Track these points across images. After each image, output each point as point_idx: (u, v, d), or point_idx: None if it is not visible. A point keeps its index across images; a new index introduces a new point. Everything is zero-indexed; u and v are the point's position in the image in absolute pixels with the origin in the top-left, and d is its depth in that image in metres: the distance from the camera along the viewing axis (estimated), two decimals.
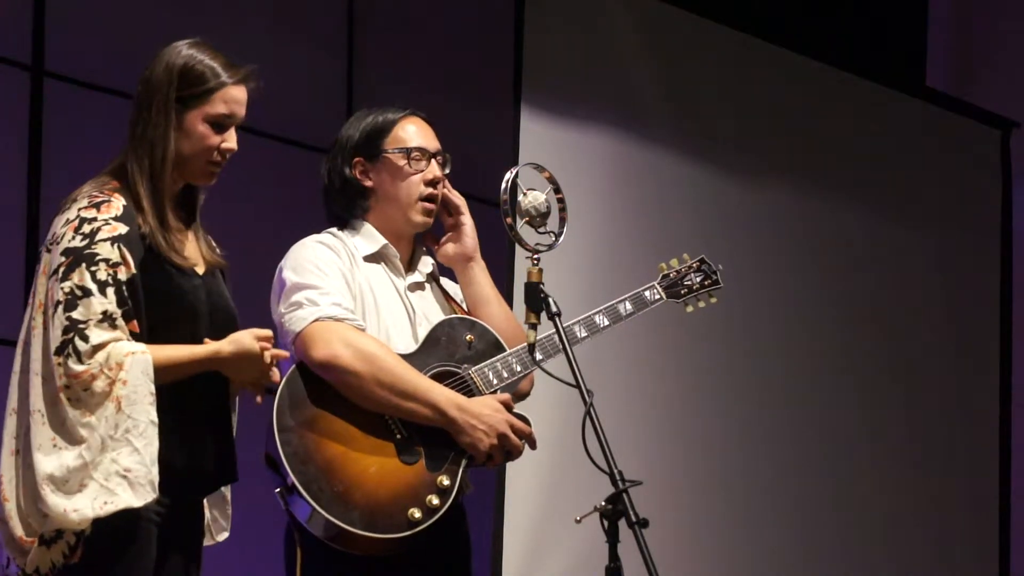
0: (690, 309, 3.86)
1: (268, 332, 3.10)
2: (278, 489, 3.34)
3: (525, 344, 3.47)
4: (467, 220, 3.70)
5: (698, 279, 3.86)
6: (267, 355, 3.07)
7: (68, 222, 2.97)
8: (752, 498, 6.00)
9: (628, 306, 3.72)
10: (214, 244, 3.20)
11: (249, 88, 3.15)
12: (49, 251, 2.97)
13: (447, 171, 3.67)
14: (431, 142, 3.65)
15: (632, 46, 5.81)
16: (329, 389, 3.41)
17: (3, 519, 2.89)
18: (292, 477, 3.30)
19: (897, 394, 6.56)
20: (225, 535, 3.24)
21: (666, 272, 3.84)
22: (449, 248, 3.70)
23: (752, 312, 5.96)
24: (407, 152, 3.61)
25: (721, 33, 6.12)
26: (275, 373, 3.16)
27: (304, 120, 5.49)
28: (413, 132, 3.64)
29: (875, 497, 6.41)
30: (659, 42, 5.90)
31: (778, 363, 6.15)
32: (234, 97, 3.12)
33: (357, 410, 3.41)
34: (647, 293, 3.78)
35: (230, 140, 3.12)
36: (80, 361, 2.86)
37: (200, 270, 3.12)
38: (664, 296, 3.80)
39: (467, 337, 3.58)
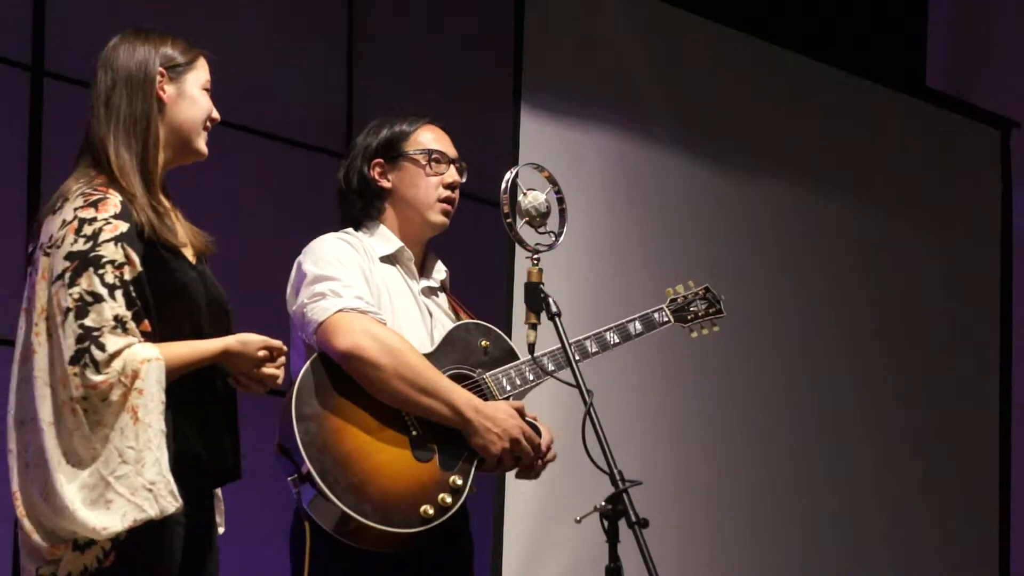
0: (694, 335, 4.01)
1: (279, 344, 3.06)
2: (291, 477, 3.35)
3: (542, 353, 3.53)
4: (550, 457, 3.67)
5: (703, 306, 3.99)
6: (267, 368, 3.04)
7: (65, 223, 2.92)
8: (752, 498, 6.00)
9: (638, 326, 3.85)
10: (198, 229, 3.17)
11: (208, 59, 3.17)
12: (48, 254, 2.92)
13: (463, 179, 3.73)
14: (450, 149, 3.73)
15: (632, 46, 5.80)
16: (348, 381, 3.43)
17: (26, 533, 2.86)
18: (308, 465, 3.31)
19: (897, 394, 6.56)
20: (222, 530, 3.24)
21: (673, 296, 3.96)
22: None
23: (752, 311, 5.95)
24: (427, 154, 3.68)
25: (721, 33, 6.12)
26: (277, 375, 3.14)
27: (304, 120, 5.50)
28: (432, 138, 3.72)
29: (875, 497, 6.41)
30: (659, 42, 5.90)
31: (778, 363, 6.15)
32: (207, 66, 3.15)
33: (375, 404, 3.44)
34: (656, 315, 3.90)
35: (215, 110, 3.15)
36: (98, 371, 2.82)
37: (193, 259, 3.09)
38: (672, 319, 3.93)
39: (482, 343, 3.64)
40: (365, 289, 3.52)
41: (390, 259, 3.64)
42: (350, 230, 3.67)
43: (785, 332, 6.19)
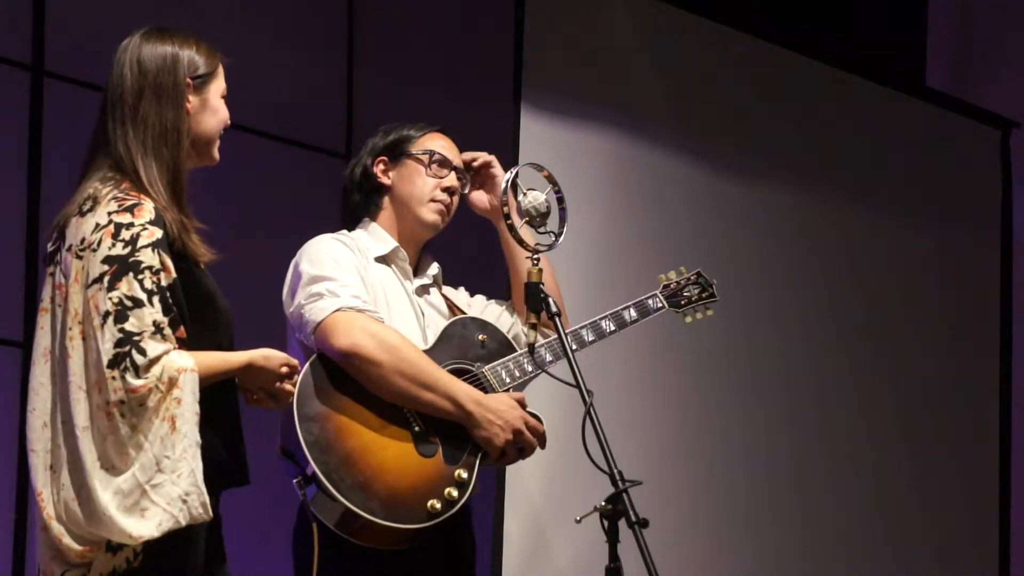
0: (688, 320, 4.01)
1: (297, 362, 3.10)
2: (296, 479, 3.36)
3: (539, 343, 3.56)
4: (499, 172, 3.79)
5: (696, 291, 4.01)
6: (286, 384, 3.07)
7: (100, 227, 2.90)
8: (752, 498, 6.00)
9: (633, 313, 3.85)
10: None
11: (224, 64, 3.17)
12: (80, 257, 2.90)
13: (465, 191, 3.77)
14: (455, 157, 3.77)
15: (632, 46, 5.80)
16: (348, 380, 3.45)
17: (55, 536, 2.86)
18: (313, 466, 3.33)
19: (897, 393, 6.56)
20: None
21: (666, 283, 3.98)
22: (485, 199, 3.81)
23: (752, 312, 5.95)
24: (430, 154, 3.71)
25: (721, 33, 6.12)
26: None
27: (304, 120, 5.50)
28: (439, 144, 3.76)
29: (874, 496, 6.41)
30: (659, 42, 5.90)
31: (778, 362, 6.15)
32: (223, 71, 3.15)
33: (376, 401, 3.46)
34: (650, 301, 3.91)
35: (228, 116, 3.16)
36: (138, 375, 2.82)
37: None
38: (666, 305, 3.93)
39: (479, 337, 3.66)
40: (361, 288, 3.54)
41: (384, 259, 3.67)
42: (345, 231, 3.70)
43: (785, 331, 6.19)
